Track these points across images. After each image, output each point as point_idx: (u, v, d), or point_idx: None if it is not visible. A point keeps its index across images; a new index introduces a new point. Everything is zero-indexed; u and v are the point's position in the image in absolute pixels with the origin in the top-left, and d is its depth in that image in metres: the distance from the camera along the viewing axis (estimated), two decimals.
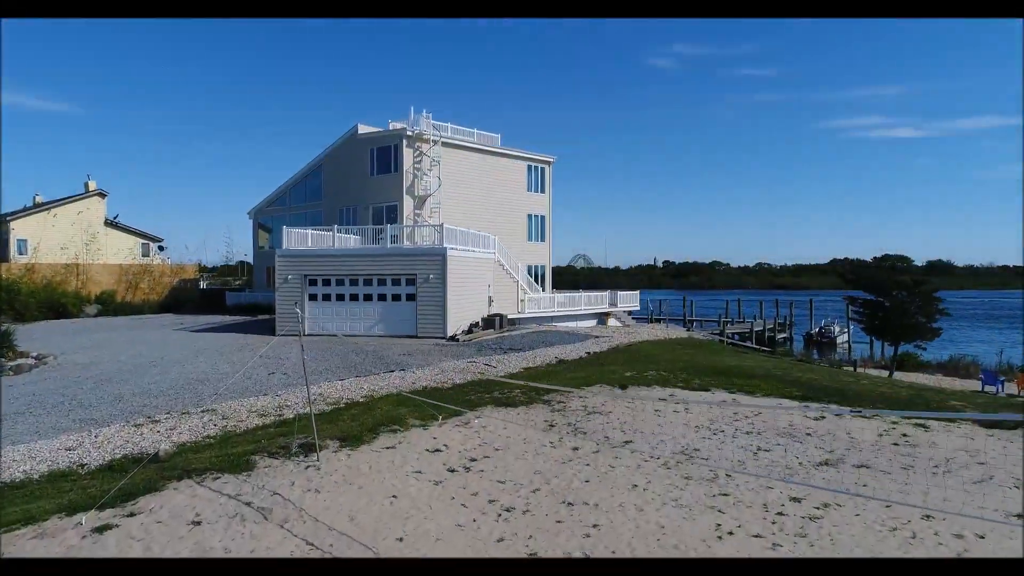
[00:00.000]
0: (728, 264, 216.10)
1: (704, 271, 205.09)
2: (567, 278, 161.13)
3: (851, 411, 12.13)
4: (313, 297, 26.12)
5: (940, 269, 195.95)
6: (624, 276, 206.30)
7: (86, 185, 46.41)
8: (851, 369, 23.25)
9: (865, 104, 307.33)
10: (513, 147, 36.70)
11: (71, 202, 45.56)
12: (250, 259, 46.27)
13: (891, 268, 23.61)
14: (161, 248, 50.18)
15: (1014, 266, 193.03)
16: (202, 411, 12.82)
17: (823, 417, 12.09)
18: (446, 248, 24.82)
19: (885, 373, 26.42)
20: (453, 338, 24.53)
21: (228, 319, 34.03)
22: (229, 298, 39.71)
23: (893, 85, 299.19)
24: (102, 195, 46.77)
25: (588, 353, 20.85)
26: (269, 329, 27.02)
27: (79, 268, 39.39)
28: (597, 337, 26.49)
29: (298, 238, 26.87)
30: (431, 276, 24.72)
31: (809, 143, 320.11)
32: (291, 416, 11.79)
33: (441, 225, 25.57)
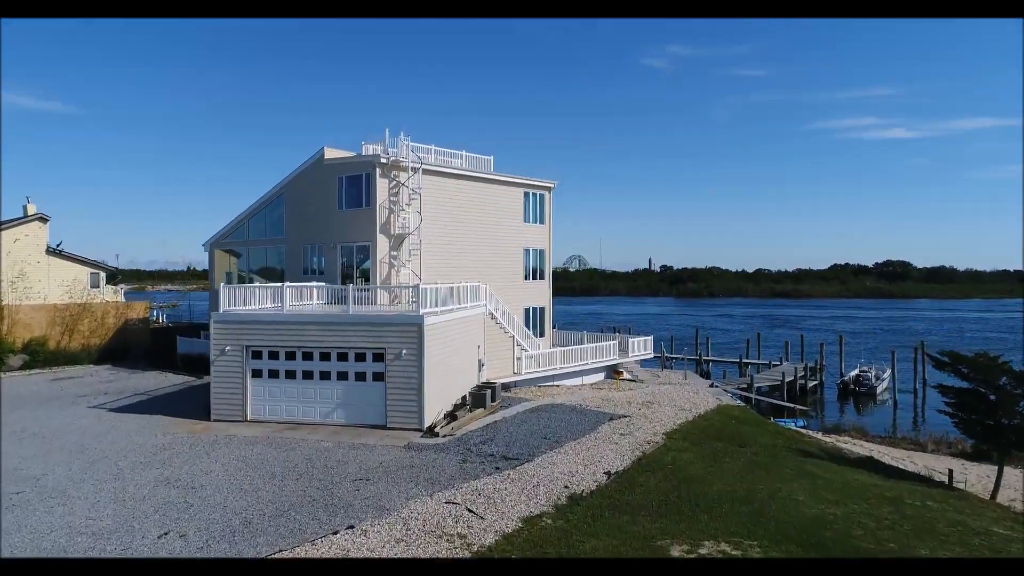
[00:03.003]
0: (727, 270, 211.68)
1: (702, 277, 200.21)
2: (563, 283, 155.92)
3: None
4: (257, 373, 20.87)
5: (943, 276, 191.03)
6: (622, 282, 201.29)
7: (25, 208, 40.75)
8: (946, 482, 18.26)
9: (859, 105, 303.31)
10: (508, 172, 31.38)
11: (8, 227, 39.89)
12: None
13: (996, 359, 18.59)
14: (114, 277, 44.55)
15: (1014, 270, 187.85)
16: None
17: None
18: (423, 316, 19.58)
19: (974, 469, 21.55)
20: (431, 429, 19.35)
21: (167, 383, 28.57)
22: (181, 345, 34.22)
23: (886, 86, 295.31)
24: (43, 219, 41.04)
25: (607, 474, 15.68)
26: (207, 405, 21.73)
27: (4, 310, 33.92)
28: (612, 420, 21.40)
29: (239, 297, 21.62)
30: (404, 352, 19.51)
31: (804, 144, 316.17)
32: None
33: (417, 286, 20.25)
